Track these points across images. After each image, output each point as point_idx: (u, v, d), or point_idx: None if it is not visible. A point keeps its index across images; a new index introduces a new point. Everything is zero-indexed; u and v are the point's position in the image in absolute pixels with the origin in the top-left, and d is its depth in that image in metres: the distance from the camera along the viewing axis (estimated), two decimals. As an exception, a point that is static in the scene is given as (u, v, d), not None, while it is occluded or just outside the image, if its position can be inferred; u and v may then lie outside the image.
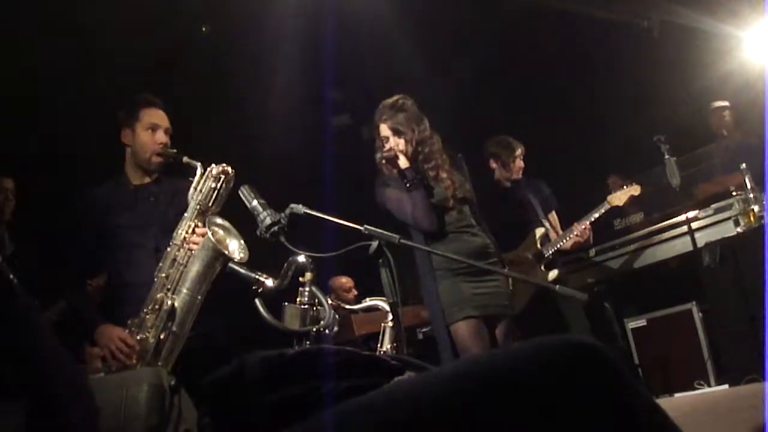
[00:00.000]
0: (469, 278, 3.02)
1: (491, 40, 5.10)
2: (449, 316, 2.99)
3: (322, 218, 2.19)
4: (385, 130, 3.13)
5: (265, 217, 2.17)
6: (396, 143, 3.10)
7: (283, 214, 2.18)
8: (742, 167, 3.92)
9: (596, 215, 4.14)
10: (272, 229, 2.15)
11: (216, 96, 4.58)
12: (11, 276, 2.63)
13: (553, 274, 4.09)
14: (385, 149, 3.11)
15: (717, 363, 3.94)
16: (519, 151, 4.23)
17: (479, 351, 2.87)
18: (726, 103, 4.87)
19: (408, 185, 3.04)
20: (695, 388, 3.91)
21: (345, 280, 5.17)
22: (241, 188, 2.29)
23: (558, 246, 4.08)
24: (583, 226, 4.09)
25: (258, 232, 2.19)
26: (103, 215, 2.75)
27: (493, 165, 4.27)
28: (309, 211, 2.20)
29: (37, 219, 3.63)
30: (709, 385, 3.92)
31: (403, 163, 3.09)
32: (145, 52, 4.04)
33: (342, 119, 5.63)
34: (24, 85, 3.78)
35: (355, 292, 5.11)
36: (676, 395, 3.51)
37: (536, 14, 5.07)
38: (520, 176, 4.26)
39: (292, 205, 2.21)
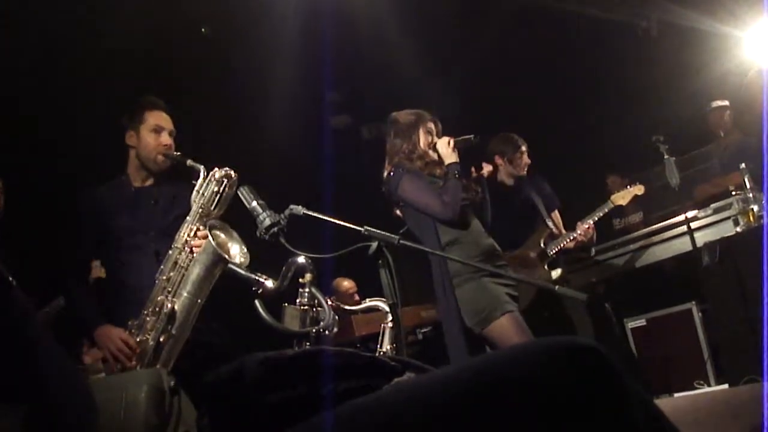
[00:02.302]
0: (494, 277, 3.00)
1: (490, 39, 5.10)
2: (484, 320, 2.93)
3: (322, 219, 2.19)
4: (439, 126, 3.31)
5: (265, 218, 2.16)
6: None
7: (282, 215, 2.18)
8: (741, 167, 3.92)
9: (600, 215, 4.13)
10: (272, 230, 2.14)
11: (215, 96, 4.58)
12: (10, 277, 2.63)
13: (556, 273, 4.09)
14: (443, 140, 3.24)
15: (717, 363, 3.94)
16: (524, 147, 4.22)
17: None
18: (725, 103, 4.86)
19: (457, 174, 3.12)
20: (695, 388, 3.90)
21: (348, 285, 5.04)
22: (241, 189, 2.28)
23: (561, 245, 4.08)
24: (587, 226, 4.08)
25: (257, 233, 2.18)
26: (103, 216, 2.75)
27: (499, 161, 4.24)
28: (308, 212, 2.20)
29: (36, 219, 3.62)
30: (709, 385, 3.91)
31: (455, 157, 3.18)
32: (145, 53, 4.04)
33: (341, 119, 5.62)
34: (23, 85, 3.78)
35: (357, 298, 4.91)
36: (676, 395, 3.50)
37: (536, 14, 5.07)
38: (525, 173, 4.26)
39: (292, 206, 2.21)
